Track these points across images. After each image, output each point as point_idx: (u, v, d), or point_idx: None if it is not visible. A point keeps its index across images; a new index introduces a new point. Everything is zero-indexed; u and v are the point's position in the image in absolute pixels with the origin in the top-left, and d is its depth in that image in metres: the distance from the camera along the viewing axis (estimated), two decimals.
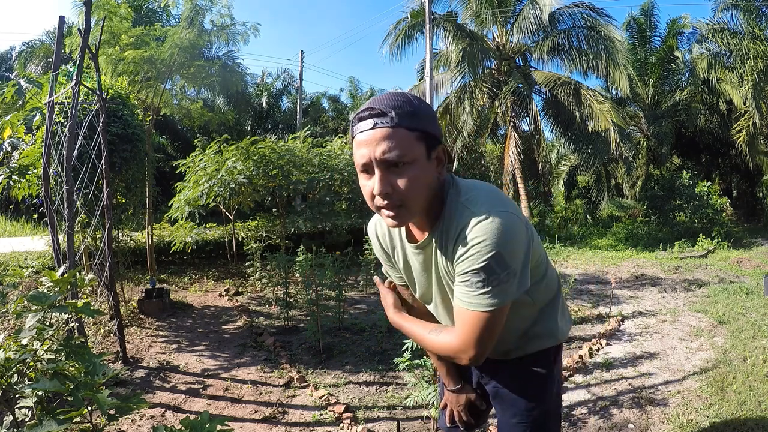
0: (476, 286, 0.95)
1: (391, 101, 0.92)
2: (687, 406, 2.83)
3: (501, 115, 13.07)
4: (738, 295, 5.52)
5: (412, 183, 0.93)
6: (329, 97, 23.32)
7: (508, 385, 1.31)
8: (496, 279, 0.93)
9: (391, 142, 0.90)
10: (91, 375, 1.38)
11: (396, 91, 0.97)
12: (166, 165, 13.73)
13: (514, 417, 1.30)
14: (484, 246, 0.92)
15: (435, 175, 0.98)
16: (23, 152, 4.57)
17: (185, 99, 8.21)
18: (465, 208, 0.97)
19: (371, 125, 0.92)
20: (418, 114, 0.93)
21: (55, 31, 3.88)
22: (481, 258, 0.92)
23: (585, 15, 11.89)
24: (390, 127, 0.90)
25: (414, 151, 0.92)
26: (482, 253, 0.92)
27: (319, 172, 7.29)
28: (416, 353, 2.44)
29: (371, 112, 0.92)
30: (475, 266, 0.93)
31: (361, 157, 0.94)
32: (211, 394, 3.13)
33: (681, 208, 11.64)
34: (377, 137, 0.91)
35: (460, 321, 1.00)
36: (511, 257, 0.94)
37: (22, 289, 4.31)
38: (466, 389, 1.41)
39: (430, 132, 0.95)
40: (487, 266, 0.93)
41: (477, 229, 0.93)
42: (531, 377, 1.28)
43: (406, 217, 0.98)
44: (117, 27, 5.74)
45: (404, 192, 0.93)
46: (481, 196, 0.99)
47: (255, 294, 6.16)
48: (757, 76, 11.17)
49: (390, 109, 0.91)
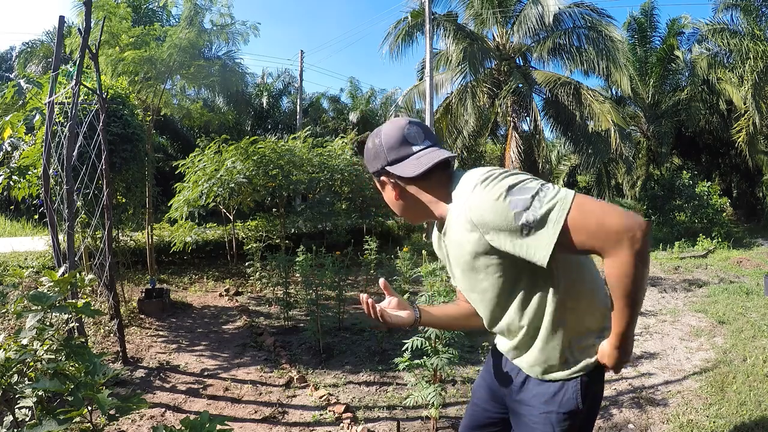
0: (531, 217, 0.91)
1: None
2: (687, 406, 2.83)
3: (501, 115, 13.06)
4: (738, 295, 5.52)
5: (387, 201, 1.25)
6: (329, 97, 23.33)
7: (527, 404, 1.22)
8: (525, 192, 0.93)
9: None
10: (91, 375, 1.38)
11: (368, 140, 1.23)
12: (166, 165, 13.71)
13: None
14: (496, 202, 0.95)
15: (393, 193, 1.19)
16: (23, 152, 4.56)
17: (185, 99, 8.21)
18: (456, 200, 1.09)
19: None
20: (366, 161, 1.23)
21: (55, 31, 3.88)
22: (503, 208, 0.94)
23: (585, 15, 11.89)
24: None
25: (377, 186, 1.25)
26: (497, 204, 0.95)
27: (319, 172, 7.29)
28: (416, 353, 2.44)
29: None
30: (509, 214, 0.93)
31: None
32: (211, 394, 3.13)
33: (681, 208, 11.64)
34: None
35: (582, 238, 0.90)
36: (503, 181, 0.96)
37: (22, 289, 4.31)
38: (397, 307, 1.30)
39: (371, 171, 1.21)
40: (511, 202, 0.93)
41: (474, 208, 0.99)
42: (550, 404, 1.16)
43: (410, 221, 1.28)
44: (117, 27, 5.74)
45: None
46: (461, 186, 1.08)
47: (255, 294, 6.16)
48: (757, 76, 11.17)
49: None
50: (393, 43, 12.66)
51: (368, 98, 22.20)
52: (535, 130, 12.76)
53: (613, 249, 0.88)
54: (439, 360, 2.35)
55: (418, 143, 1.14)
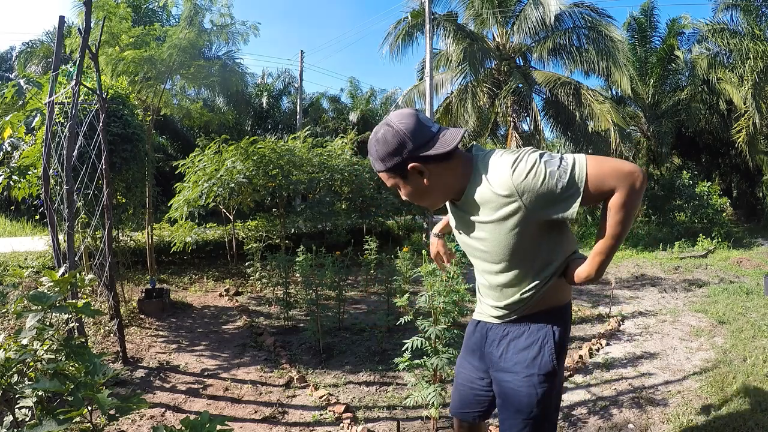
0: (565, 177, 1.14)
1: (370, 149, 1.28)
2: (687, 406, 2.83)
3: (501, 115, 13.07)
4: (738, 295, 5.53)
5: (406, 195, 1.32)
6: (329, 97, 23.33)
7: (517, 353, 1.38)
8: (553, 160, 1.15)
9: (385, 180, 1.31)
10: (91, 375, 1.38)
11: (372, 138, 1.26)
12: (166, 165, 13.72)
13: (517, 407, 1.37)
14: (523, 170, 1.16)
15: (420, 180, 1.25)
16: (23, 152, 4.57)
17: (185, 99, 8.20)
18: (483, 173, 1.23)
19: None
20: (377, 160, 1.26)
21: (55, 31, 3.88)
22: (538, 175, 1.14)
23: (585, 15, 11.90)
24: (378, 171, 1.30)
25: (390, 181, 1.29)
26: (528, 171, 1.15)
27: (319, 172, 7.29)
28: (416, 353, 2.44)
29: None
30: (548, 179, 1.14)
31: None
32: (211, 394, 3.13)
33: (681, 208, 11.63)
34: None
35: (604, 184, 1.14)
36: (532, 155, 1.17)
37: (22, 289, 4.32)
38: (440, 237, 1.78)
39: (392, 164, 1.23)
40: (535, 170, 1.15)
41: (517, 178, 1.15)
42: (539, 339, 1.35)
43: (433, 206, 1.35)
44: (117, 27, 5.73)
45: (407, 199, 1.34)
46: (493, 163, 1.22)
47: (255, 294, 6.16)
48: (757, 76, 11.17)
49: (371, 159, 1.28)
50: (393, 43, 12.67)
51: (368, 98, 22.22)
52: (535, 130, 12.75)
53: (623, 184, 1.12)
54: (439, 360, 2.35)
55: (431, 125, 1.24)
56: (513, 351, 1.37)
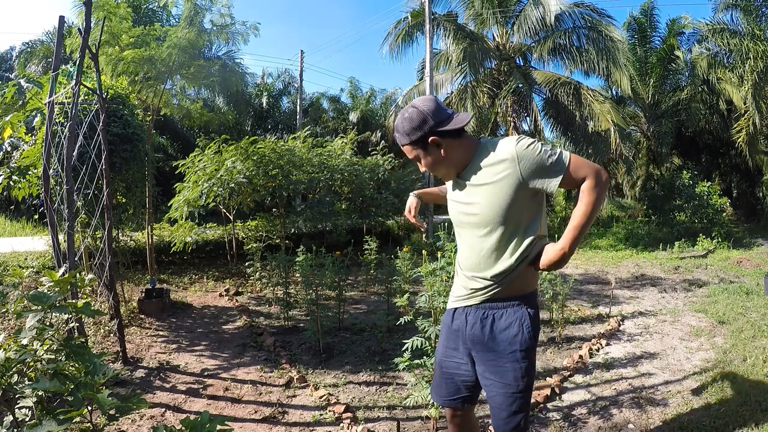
0: (554, 158, 1.42)
1: (397, 126, 1.54)
2: (687, 406, 2.83)
3: (501, 115, 13.07)
4: (738, 295, 5.53)
5: (426, 165, 1.56)
6: (329, 97, 23.31)
7: (501, 332, 1.55)
8: (546, 145, 1.44)
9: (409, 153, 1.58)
10: (91, 375, 1.39)
11: (400, 117, 1.53)
12: (166, 165, 13.72)
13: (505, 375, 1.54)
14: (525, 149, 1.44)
15: (438, 152, 1.50)
16: (23, 152, 4.56)
17: (185, 99, 8.20)
18: (487, 146, 1.52)
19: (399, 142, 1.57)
20: (403, 135, 1.52)
21: (55, 31, 3.88)
22: (540, 153, 1.42)
23: (585, 15, 11.90)
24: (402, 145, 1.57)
25: (413, 153, 1.55)
26: (533, 149, 1.43)
27: (319, 172, 7.30)
28: (416, 353, 2.44)
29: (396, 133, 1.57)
30: (543, 156, 1.42)
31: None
32: (211, 394, 3.13)
33: (681, 208, 11.63)
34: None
35: (579, 171, 1.43)
36: (533, 139, 1.44)
37: (22, 289, 4.32)
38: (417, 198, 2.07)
39: (415, 138, 1.50)
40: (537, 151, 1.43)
41: (521, 151, 1.43)
42: (520, 322, 1.53)
43: (446, 177, 1.62)
44: (117, 27, 5.73)
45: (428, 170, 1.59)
46: (501, 142, 1.50)
47: (255, 294, 6.16)
48: (757, 76, 11.16)
49: (397, 135, 1.55)
50: (393, 43, 12.67)
51: (368, 98, 22.20)
52: (535, 130, 12.76)
53: (592, 175, 1.43)
54: None
55: (447, 108, 1.52)
56: (496, 331, 1.55)
